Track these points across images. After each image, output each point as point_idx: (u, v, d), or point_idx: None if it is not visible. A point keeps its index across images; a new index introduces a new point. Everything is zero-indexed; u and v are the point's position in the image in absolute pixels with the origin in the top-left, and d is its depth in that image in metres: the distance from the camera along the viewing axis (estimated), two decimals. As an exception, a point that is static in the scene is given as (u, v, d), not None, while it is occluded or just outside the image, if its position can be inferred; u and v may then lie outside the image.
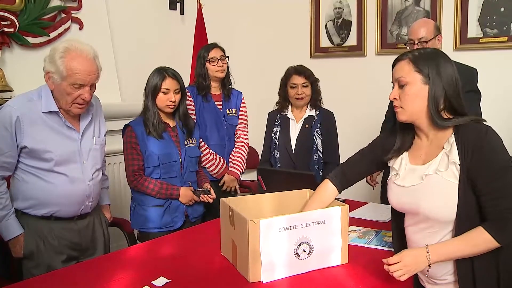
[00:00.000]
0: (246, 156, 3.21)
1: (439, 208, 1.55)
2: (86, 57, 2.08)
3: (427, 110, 1.56)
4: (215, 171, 3.05)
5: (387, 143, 1.79)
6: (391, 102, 3.03)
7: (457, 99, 1.56)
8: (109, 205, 2.59)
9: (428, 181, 1.58)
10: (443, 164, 1.56)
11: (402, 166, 1.69)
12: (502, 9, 3.76)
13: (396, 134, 1.75)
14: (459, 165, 1.52)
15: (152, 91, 2.56)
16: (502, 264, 1.55)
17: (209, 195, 2.66)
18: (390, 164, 1.76)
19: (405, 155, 1.71)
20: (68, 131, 2.18)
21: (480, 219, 1.53)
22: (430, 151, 1.62)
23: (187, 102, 2.89)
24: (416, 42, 2.70)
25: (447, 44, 3.97)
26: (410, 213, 1.68)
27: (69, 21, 3.52)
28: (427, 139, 1.64)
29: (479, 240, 1.50)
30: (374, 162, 1.86)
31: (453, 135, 1.55)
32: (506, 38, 3.75)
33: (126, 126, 2.61)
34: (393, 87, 1.66)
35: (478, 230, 1.50)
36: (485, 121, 1.57)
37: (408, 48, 2.77)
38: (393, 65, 1.66)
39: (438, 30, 2.77)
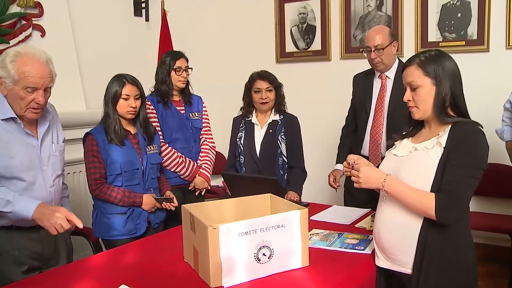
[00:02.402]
0: (213, 159, 3.23)
1: (415, 178, 1.74)
2: (38, 60, 2.04)
3: (433, 106, 1.77)
4: (186, 174, 3.05)
5: None
6: (351, 108, 3.09)
7: (460, 96, 1.77)
8: None
9: (415, 154, 1.80)
10: (431, 144, 1.77)
11: (403, 142, 1.92)
12: (459, 14, 3.88)
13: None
14: (444, 147, 1.72)
15: (112, 98, 2.56)
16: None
17: (172, 203, 2.66)
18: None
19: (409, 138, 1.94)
20: (27, 137, 2.14)
21: None
22: (428, 135, 1.83)
23: (148, 111, 2.89)
24: (372, 50, 2.76)
25: (408, 48, 4.09)
26: None
27: (30, 28, 3.48)
28: (429, 129, 1.85)
29: (424, 200, 1.69)
30: None
31: (450, 126, 1.76)
32: (463, 42, 3.88)
33: (87, 134, 2.59)
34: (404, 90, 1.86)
35: (430, 193, 1.69)
36: (482, 127, 1.74)
37: (365, 54, 2.82)
38: (403, 70, 1.86)
39: (393, 37, 2.83)
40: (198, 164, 3.14)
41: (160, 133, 2.98)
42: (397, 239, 1.80)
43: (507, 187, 3.71)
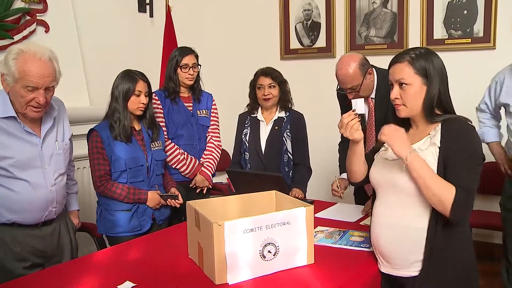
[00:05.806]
0: (217, 158, 3.19)
1: (412, 181, 1.68)
2: (40, 59, 2.02)
3: (422, 106, 1.73)
4: (186, 171, 3.03)
5: None
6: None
7: (445, 95, 1.74)
8: (78, 210, 2.56)
9: None
10: (425, 144, 1.72)
11: None
12: (465, 11, 3.86)
13: None
14: (439, 147, 1.68)
15: (124, 95, 2.54)
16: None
17: (177, 200, 2.65)
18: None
19: None
20: (27, 136, 2.12)
21: None
22: (417, 136, 1.78)
23: (154, 106, 2.88)
24: (348, 91, 2.54)
25: (414, 45, 4.05)
26: (385, 186, 1.81)
27: (34, 24, 3.46)
28: (416, 128, 1.81)
29: (445, 189, 1.61)
30: None
31: (440, 125, 1.72)
32: (469, 40, 3.86)
33: (91, 130, 2.57)
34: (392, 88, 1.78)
35: (451, 187, 1.61)
36: (471, 122, 1.72)
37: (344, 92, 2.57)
38: (390, 66, 1.77)
39: (366, 66, 2.51)
40: (201, 162, 3.11)
41: (164, 128, 2.96)
42: (397, 243, 1.76)
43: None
